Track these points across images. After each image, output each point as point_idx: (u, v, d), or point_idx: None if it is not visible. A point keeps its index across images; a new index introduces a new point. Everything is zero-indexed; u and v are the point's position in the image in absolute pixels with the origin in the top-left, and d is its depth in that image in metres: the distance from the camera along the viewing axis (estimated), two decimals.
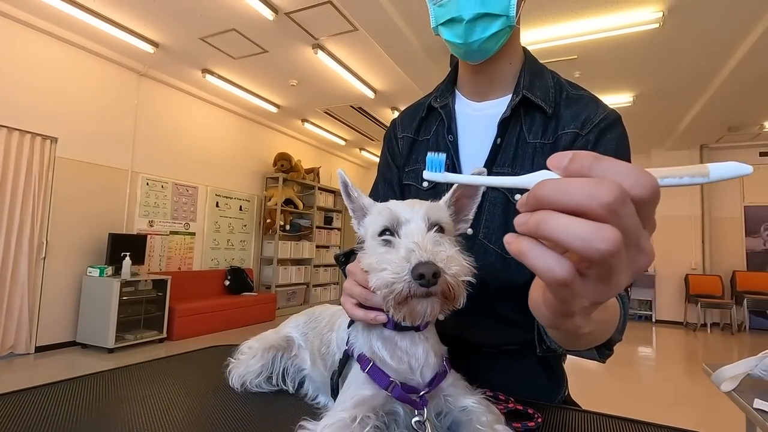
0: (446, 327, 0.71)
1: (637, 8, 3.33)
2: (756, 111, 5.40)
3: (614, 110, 0.69)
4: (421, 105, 0.86)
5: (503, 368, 0.74)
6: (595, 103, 0.71)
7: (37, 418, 0.58)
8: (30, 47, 3.96)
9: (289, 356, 0.72)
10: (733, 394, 0.96)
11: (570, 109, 0.70)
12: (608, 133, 0.67)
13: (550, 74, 0.75)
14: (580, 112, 0.69)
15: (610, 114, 0.68)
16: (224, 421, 0.58)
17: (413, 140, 0.84)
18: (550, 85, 0.73)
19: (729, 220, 7.03)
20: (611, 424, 0.61)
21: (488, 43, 0.68)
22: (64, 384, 0.71)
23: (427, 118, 0.83)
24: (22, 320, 3.88)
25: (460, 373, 0.64)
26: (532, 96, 0.71)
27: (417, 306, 0.44)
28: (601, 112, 0.68)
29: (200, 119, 5.75)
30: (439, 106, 0.79)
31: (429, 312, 0.45)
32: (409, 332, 0.53)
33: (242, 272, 6.15)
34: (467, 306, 0.70)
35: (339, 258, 0.79)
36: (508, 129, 0.72)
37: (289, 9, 3.60)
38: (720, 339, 6.04)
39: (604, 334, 0.50)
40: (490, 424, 0.49)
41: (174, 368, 0.84)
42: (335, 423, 0.46)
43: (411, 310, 0.45)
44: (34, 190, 3.98)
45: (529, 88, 0.71)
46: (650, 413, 2.96)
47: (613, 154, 0.64)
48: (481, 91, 0.78)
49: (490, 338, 0.73)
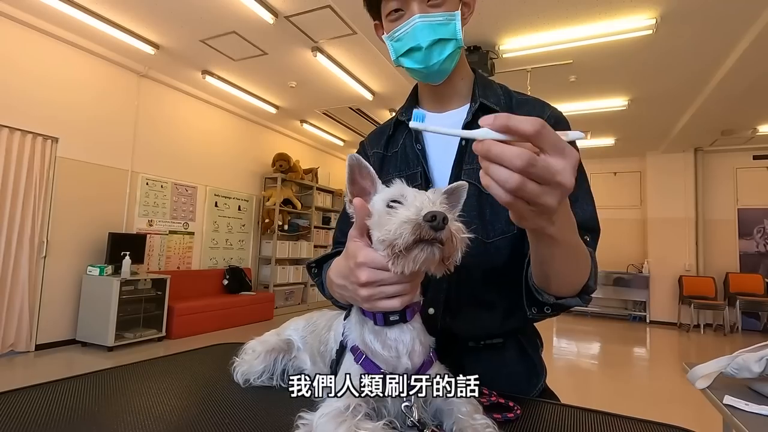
0: (436, 320, 0.78)
1: (630, 15, 3.39)
2: (749, 115, 5.47)
3: (556, 109, 0.81)
4: (387, 125, 0.95)
5: (487, 361, 0.81)
6: (542, 104, 0.82)
7: (35, 417, 0.59)
8: (31, 48, 4.00)
9: (290, 358, 0.77)
10: (707, 391, 1.02)
11: (521, 110, 0.81)
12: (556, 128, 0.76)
13: (498, 85, 0.87)
14: (529, 113, 0.78)
15: (554, 111, 0.80)
16: (226, 415, 0.62)
17: (383, 155, 0.91)
18: (500, 93, 0.84)
19: (722, 222, 7.11)
20: (587, 417, 0.66)
21: (445, 63, 0.78)
22: (64, 383, 0.73)
23: (394, 134, 0.91)
24: (23, 318, 3.92)
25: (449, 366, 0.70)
26: (488, 102, 0.82)
27: (420, 253, 0.48)
28: (547, 110, 0.80)
29: (200, 120, 5.79)
30: (406, 119, 0.88)
31: (430, 259, 0.49)
32: (397, 325, 0.57)
33: (240, 272, 6.19)
34: (454, 296, 0.79)
35: (311, 266, 0.83)
36: None
37: (288, 12, 3.65)
38: (712, 340, 6.12)
39: (582, 267, 0.61)
40: (470, 414, 0.54)
41: (174, 366, 0.87)
42: (330, 412, 0.50)
43: (414, 257, 0.49)
44: (35, 189, 4.02)
45: (484, 96, 0.82)
46: (642, 411, 3.00)
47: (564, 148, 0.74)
48: (442, 104, 0.88)
49: (476, 328, 0.80)
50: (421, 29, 0.74)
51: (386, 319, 0.57)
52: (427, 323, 0.80)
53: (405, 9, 0.75)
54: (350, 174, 0.60)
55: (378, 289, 0.53)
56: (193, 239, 5.71)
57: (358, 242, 0.55)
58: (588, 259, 0.63)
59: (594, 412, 0.68)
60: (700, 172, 7.18)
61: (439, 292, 0.78)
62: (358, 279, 0.53)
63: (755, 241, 6.95)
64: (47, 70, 4.11)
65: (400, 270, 0.50)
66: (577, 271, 0.61)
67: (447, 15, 0.75)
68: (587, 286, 0.64)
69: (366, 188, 0.61)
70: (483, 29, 3.68)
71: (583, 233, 0.68)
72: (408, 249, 0.48)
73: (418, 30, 0.74)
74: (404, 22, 0.75)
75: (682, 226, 7.20)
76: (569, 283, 0.62)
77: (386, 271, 0.52)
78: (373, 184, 0.61)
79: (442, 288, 0.78)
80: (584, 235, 0.70)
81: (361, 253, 0.54)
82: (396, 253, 0.49)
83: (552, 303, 0.65)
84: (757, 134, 6.12)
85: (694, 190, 7.18)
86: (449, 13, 0.75)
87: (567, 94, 5.05)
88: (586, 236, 0.71)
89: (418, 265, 0.49)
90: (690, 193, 7.20)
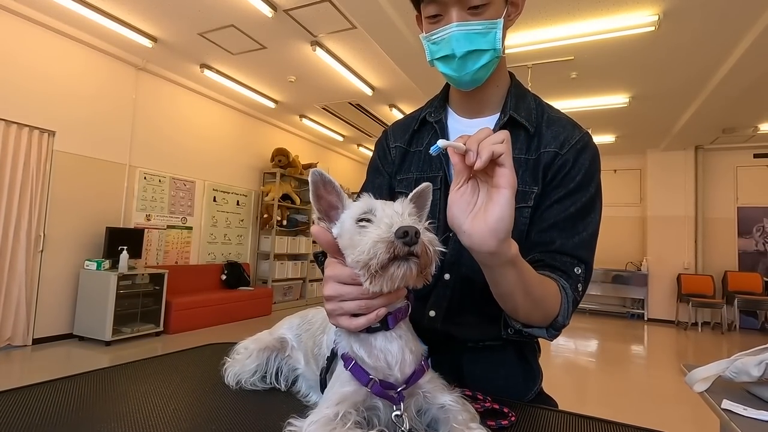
0: (436, 323, 0.79)
1: (632, 11, 3.36)
2: (750, 113, 5.45)
3: (587, 132, 0.79)
4: (413, 119, 0.92)
5: (485, 361, 0.80)
6: (572, 125, 0.80)
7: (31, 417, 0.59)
8: (28, 41, 3.96)
9: (283, 356, 0.76)
10: (705, 394, 1.01)
11: (550, 129, 0.79)
12: (584, 153, 0.77)
13: (532, 97, 0.84)
14: (559, 133, 0.78)
15: (584, 136, 0.78)
16: (217, 418, 0.62)
17: (405, 151, 0.89)
18: (533, 107, 0.81)
19: (722, 220, 7.11)
20: (582, 424, 0.65)
21: (479, 73, 0.75)
22: (58, 382, 0.72)
23: (420, 131, 0.89)
24: (20, 313, 3.91)
25: (447, 365, 0.69)
26: (518, 116, 0.79)
27: (397, 270, 0.48)
28: (577, 134, 0.78)
29: (198, 114, 5.76)
30: (434, 121, 0.86)
31: (408, 275, 0.48)
32: (379, 332, 0.56)
33: (239, 267, 6.19)
34: (457, 302, 0.78)
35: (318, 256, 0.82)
36: None
37: (287, 6, 3.61)
38: (710, 338, 6.13)
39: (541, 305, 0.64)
40: (465, 423, 0.53)
41: (168, 366, 0.86)
42: (320, 420, 0.49)
43: (391, 275, 0.48)
44: (31, 183, 4.00)
45: (515, 109, 0.79)
46: (639, 410, 3.03)
47: (588, 168, 0.75)
48: (472, 110, 0.85)
49: (474, 333, 0.79)
50: (457, 38, 0.71)
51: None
52: (428, 325, 0.79)
53: (444, 14, 0.72)
54: (315, 190, 0.59)
55: (338, 305, 0.54)
56: (192, 234, 5.69)
57: (330, 259, 0.57)
58: (554, 298, 0.65)
59: (589, 418, 0.67)
60: (700, 170, 7.17)
61: (442, 298, 0.79)
62: (324, 292, 0.55)
63: (754, 239, 6.95)
64: (44, 62, 4.07)
65: (379, 289, 0.50)
66: (536, 307, 0.64)
67: (487, 24, 0.71)
68: (555, 321, 0.66)
69: (332, 202, 0.60)
70: None
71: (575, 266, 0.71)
72: (384, 268, 0.48)
73: (453, 39, 0.72)
74: (442, 27, 0.73)
75: (682, 224, 7.19)
76: (536, 317, 0.66)
77: (350, 286, 0.53)
78: (339, 199, 0.60)
79: (446, 295, 0.78)
80: (576, 267, 0.71)
81: (329, 267, 0.55)
82: (372, 274, 0.49)
83: (517, 329, 0.68)
84: (758, 132, 6.11)
85: (694, 188, 7.17)
86: (490, 21, 0.71)
87: (568, 90, 5.03)
88: (578, 268, 0.71)
89: (396, 283, 0.49)
90: (690, 191, 7.19)
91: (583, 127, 0.80)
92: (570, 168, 0.75)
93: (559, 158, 0.76)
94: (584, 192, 0.74)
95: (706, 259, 7.08)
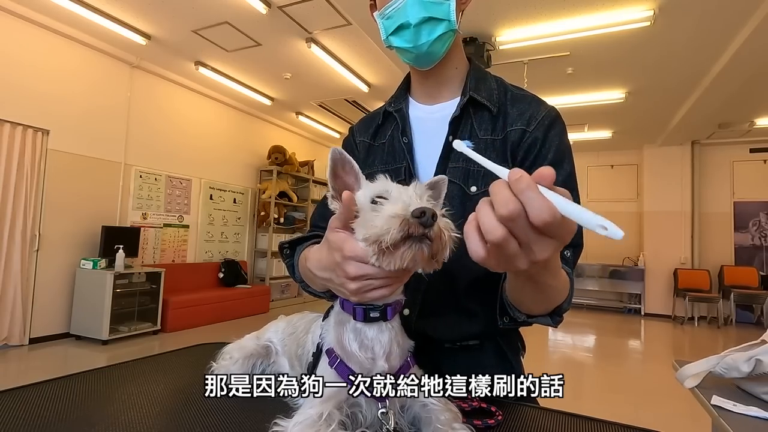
0: (410, 323, 0.76)
1: (628, 6, 3.35)
2: (746, 108, 5.46)
3: (553, 107, 0.78)
4: (377, 113, 0.92)
5: (464, 363, 0.78)
6: (537, 101, 0.79)
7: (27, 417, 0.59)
8: (21, 39, 3.93)
9: (268, 363, 0.75)
10: (695, 390, 1.01)
11: (515, 107, 0.78)
12: (552, 129, 0.76)
13: (493, 78, 0.83)
14: (524, 110, 0.77)
15: (551, 111, 0.77)
16: (204, 418, 0.62)
17: (370, 145, 0.89)
18: (494, 87, 0.81)
19: (718, 215, 7.12)
20: (569, 422, 0.65)
21: (435, 45, 0.75)
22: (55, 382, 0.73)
23: (383, 124, 0.89)
24: (16, 312, 3.90)
25: (425, 368, 0.68)
26: (478, 96, 0.78)
27: (408, 250, 0.46)
28: (543, 109, 0.77)
29: (194, 112, 5.73)
30: (394, 110, 0.86)
31: (419, 257, 0.47)
32: (376, 323, 0.56)
33: (236, 265, 6.18)
34: (431, 299, 0.76)
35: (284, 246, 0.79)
36: (459, 127, 0.79)
37: (281, 2, 3.59)
38: (706, 332, 6.16)
39: (556, 298, 0.61)
40: (449, 423, 0.53)
41: (160, 366, 0.86)
42: (304, 421, 0.49)
43: (401, 254, 0.46)
44: (26, 182, 3.98)
45: (475, 90, 0.79)
46: (634, 405, 3.05)
47: (558, 145, 0.74)
48: (431, 95, 0.85)
49: (450, 332, 0.78)
50: (412, 5, 0.72)
51: (366, 315, 0.55)
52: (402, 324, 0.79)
53: None
54: (332, 168, 0.57)
55: (367, 282, 0.51)
56: (188, 232, 5.68)
57: (340, 233, 0.52)
58: (565, 288, 0.62)
59: (577, 416, 0.67)
60: (696, 165, 7.18)
61: (416, 294, 0.76)
62: (347, 273, 0.51)
63: (750, 234, 6.97)
64: (37, 61, 4.04)
65: (386, 266, 0.48)
66: (551, 300, 0.62)
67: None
68: (560, 307, 0.65)
69: (349, 183, 0.59)
70: (479, 20, 3.63)
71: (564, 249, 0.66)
72: (395, 246, 0.46)
73: (408, 5, 0.72)
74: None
75: (678, 219, 7.21)
76: (543, 309, 0.64)
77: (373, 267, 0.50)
78: (356, 180, 0.59)
79: (419, 290, 0.76)
80: (565, 251, 0.69)
81: (346, 246, 0.51)
82: (382, 250, 0.47)
83: (522, 320, 0.66)
84: (754, 127, 6.11)
85: (691, 183, 7.18)
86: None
87: (564, 86, 5.02)
88: (567, 251, 0.70)
89: (405, 263, 0.47)
90: (686, 186, 7.21)
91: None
92: (540, 146, 0.74)
93: (527, 135, 0.75)
94: (559, 171, 0.71)
95: (702, 254, 7.11)
